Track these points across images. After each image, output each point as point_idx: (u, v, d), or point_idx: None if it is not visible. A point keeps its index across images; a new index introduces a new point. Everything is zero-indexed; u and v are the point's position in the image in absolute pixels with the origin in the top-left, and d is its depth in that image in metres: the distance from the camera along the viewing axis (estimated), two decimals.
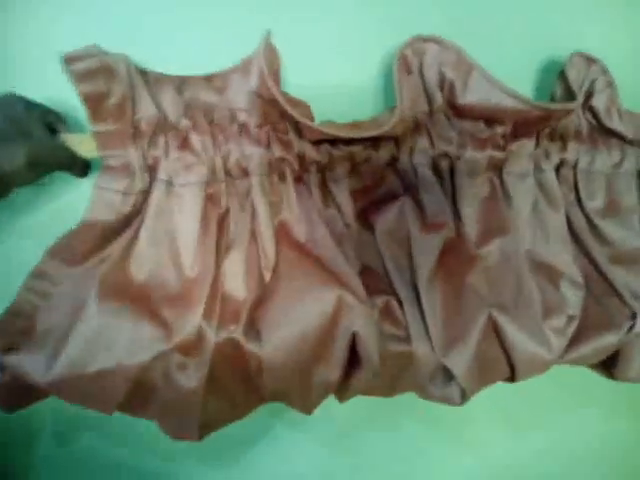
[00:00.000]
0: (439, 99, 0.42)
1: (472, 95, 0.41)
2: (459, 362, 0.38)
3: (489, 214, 0.44)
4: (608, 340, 0.42)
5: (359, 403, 0.42)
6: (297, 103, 0.38)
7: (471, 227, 0.43)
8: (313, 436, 0.51)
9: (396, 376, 0.41)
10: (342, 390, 0.40)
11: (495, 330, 0.39)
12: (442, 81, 0.42)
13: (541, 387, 0.49)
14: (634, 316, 0.42)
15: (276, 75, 0.38)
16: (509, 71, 0.43)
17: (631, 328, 0.42)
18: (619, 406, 0.59)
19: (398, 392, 0.43)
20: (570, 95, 0.46)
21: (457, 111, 0.42)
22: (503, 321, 0.39)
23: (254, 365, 0.37)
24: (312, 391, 0.38)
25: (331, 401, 0.41)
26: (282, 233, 0.40)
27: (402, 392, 0.43)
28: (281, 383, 0.38)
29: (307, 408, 0.39)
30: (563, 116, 0.43)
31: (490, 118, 0.42)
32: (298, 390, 0.38)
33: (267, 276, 0.39)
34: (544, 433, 0.57)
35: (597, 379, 0.48)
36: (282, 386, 0.38)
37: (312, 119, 0.39)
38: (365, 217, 0.42)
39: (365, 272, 0.42)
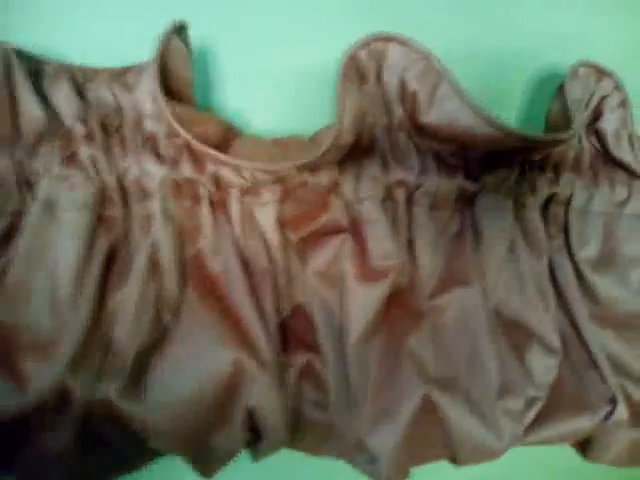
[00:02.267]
0: (400, 114, 0.34)
1: (437, 113, 0.33)
2: (384, 444, 0.31)
3: (453, 258, 0.36)
4: (579, 425, 0.35)
5: None
6: (199, 119, 0.30)
7: (428, 274, 0.35)
8: None
9: (317, 444, 0.34)
10: (254, 454, 0.34)
11: (433, 411, 0.31)
12: (404, 92, 0.33)
13: None
14: (613, 400, 0.34)
15: (180, 80, 0.30)
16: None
17: (609, 414, 0.34)
18: None
19: (328, 456, 0.36)
20: (568, 116, 0.37)
21: (420, 130, 0.34)
22: (444, 402, 0.31)
23: (138, 426, 0.31)
24: (211, 459, 0.32)
25: None
26: (194, 267, 0.33)
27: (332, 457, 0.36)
28: (172, 448, 0.31)
29: (206, 474, 0.33)
30: (552, 146, 0.34)
31: (459, 143, 0.34)
32: (193, 456, 0.32)
33: (168, 319, 0.32)
34: None
35: None
36: (170, 449, 0.32)
37: (222, 137, 0.31)
38: (299, 251, 0.35)
39: (294, 317, 0.35)
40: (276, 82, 0.38)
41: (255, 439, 0.33)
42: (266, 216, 0.34)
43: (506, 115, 0.42)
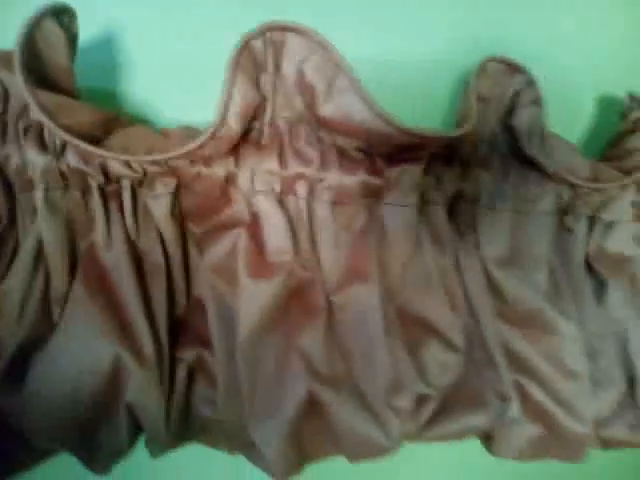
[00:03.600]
0: (299, 105, 0.33)
1: (333, 106, 0.32)
2: (269, 439, 0.31)
3: (356, 254, 0.35)
4: (474, 422, 0.35)
5: None
6: (74, 108, 0.29)
7: (328, 270, 0.35)
8: None
9: (213, 440, 0.34)
10: (149, 450, 0.34)
11: (318, 407, 0.31)
12: (302, 83, 0.32)
13: None
14: (506, 398, 0.34)
15: (57, 67, 0.29)
16: None
17: (503, 412, 0.34)
18: None
19: (224, 449, 0.36)
20: (484, 112, 0.37)
21: (321, 123, 0.33)
22: (329, 398, 0.31)
23: (17, 422, 0.30)
24: (99, 455, 0.32)
25: None
26: (86, 260, 0.33)
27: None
28: (51, 443, 0.31)
29: (97, 470, 0.32)
30: (443, 142, 0.33)
31: (362, 137, 0.33)
32: (80, 453, 0.32)
33: (55, 311, 0.32)
34: None
35: None
36: (53, 445, 0.31)
37: (100, 126, 0.30)
38: (199, 244, 0.34)
39: (191, 311, 0.34)
40: (186, 70, 0.37)
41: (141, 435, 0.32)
42: (160, 208, 0.33)
43: None
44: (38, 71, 0.28)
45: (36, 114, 0.28)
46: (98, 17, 0.36)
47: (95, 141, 0.29)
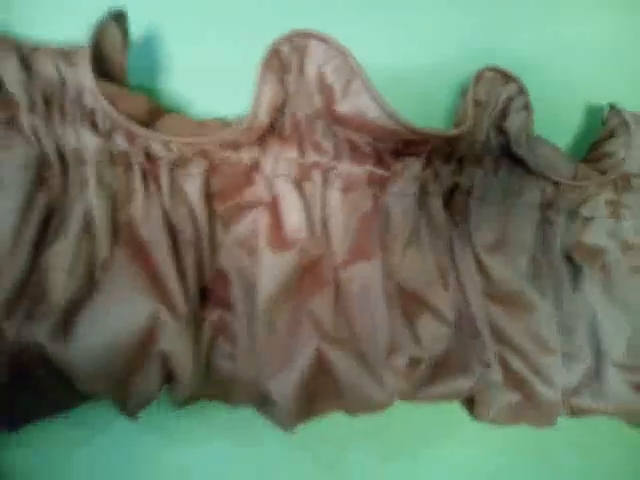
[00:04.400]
0: (318, 103, 0.38)
1: (349, 105, 0.37)
2: (282, 388, 0.36)
3: (362, 236, 0.40)
4: (460, 384, 0.40)
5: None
6: (128, 98, 0.34)
7: (337, 248, 0.40)
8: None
9: (227, 392, 0.39)
10: (173, 400, 0.39)
11: (325, 363, 0.36)
12: (322, 84, 0.37)
13: None
14: (488, 364, 0.39)
15: (115, 63, 0.34)
16: None
17: (484, 376, 0.39)
18: None
19: (238, 403, 0.41)
20: (479, 115, 0.42)
21: (337, 119, 0.38)
22: (335, 356, 0.36)
23: (65, 369, 0.35)
24: (132, 400, 0.37)
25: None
26: (126, 229, 0.37)
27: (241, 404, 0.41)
28: (93, 388, 0.36)
29: (129, 414, 0.37)
30: (441, 140, 0.39)
31: (372, 132, 0.38)
32: (115, 396, 0.36)
33: (98, 274, 0.37)
34: None
35: None
36: (95, 390, 0.36)
37: (148, 114, 0.35)
38: (223, 221, 0.39)
39: (215, 280, 0.39)
40: (219, 70, 0.42)
41: (171, 385, 0.37)
42: (193, 187, 0.38)
43: None
44: (99, 66, 0.33)
45: (95, 100, 0.33)
46: (143, 22, 0.41)
47: (143, 125, 0.34)
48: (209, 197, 0.39)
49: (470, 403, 0.44)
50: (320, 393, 0.37)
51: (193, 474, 0.44)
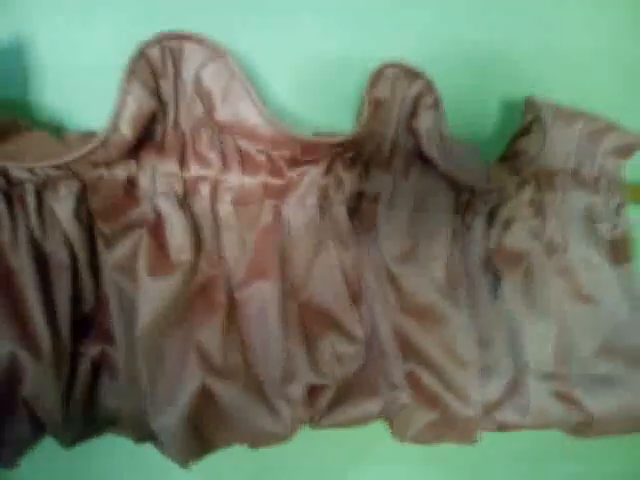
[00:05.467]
0: (199, 110, 0.35)
1: (229, 111, 0.34)
2: (165, 427, 0.33)
3: (261, 250, 0.37)
4: (368, 409, 0.37)
5: None
6: None
7: (234, 266, 0.37)
8: None
9: (117, 428, 0.36)
10: (60, 442, 0.35)
11: (210, 397, 0.33)
12: (199, 89, 0.34)
13: None
14: (396, 387, 0.36)
15: None
16: None
17: (394, 399, 0.37)
18: None
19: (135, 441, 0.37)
20: (386, 115, 0.39)
21: (224, 127, 0.35)
22: (222, 390, 0.33)
23: None
24: (6, 448, 0.33)
25: None
26: None
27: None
28: None
29: (6, 464, 0.34)
30: (350, 145, 0.35)
31: (265, 140, 0.35)
32: None
33: None
34: None
35: None
36: None
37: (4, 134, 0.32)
38: (106, 243, 0.36)
39: (99, 308, 0.36)
40: (93, 78, 0.38)
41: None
42: (64, 209, 0.34)
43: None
44: None
45: None
46: (8, 26, 0.37)
47: None
48: (89, 217, 0.35)
49: (390, 423, 0.41)
50: (208, 428, 0.34)
51: None
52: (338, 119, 0.42)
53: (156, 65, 0.33)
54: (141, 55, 0.32)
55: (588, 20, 0.48)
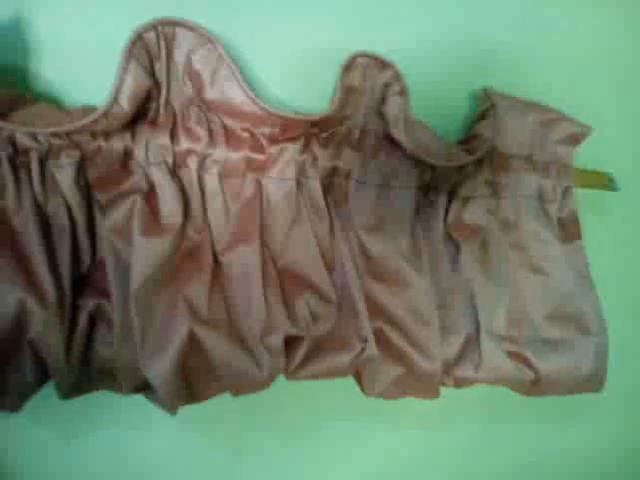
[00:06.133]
0: (189, 90, 0.39)
1: (217, 91, 0.38)
2: (157, 373, 0.36)
3: (244, 218, 0.41)
4: (340, 361, 0.41)
5: None
6: None
7: (218, 232, 0.41)
8: None
9: (112, 378, 0.39)
10: (55, 389, 0.39)
11: (198, 345, 0.37)
12: (190, 70, 0.38)
13: None
14: (365, 340, 0.41)
15: None
16: None
17: (362, 351, 0.41)
18: None
19: (123, 391, 0.41)
20: (357, 100, 0.43)
21: (208, 106, 0.39)
22: (209, 338, 0.37)
23: None
24: (8, 392, 0.37)
25: None
26: None
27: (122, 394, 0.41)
28: None
29: (10, 408, 0.37)
30: (323, 124, 0.40)
31: (247, 119, 0.39)
32: None
33: None
34: None
35: None
36: None
37: (9, 103, 0.35)
38: (102, 210, 0.39)
39: (96, 268, 0.39)
40: (93, 53, 0.41)
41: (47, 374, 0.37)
42: (65, 177, 0.38)
43: None
44: None
45: None
46: (8, 4, 0.40)
47: (3, 116, 0.34)
48: (87, 187, 0.39)
49: (359, 379, 0.45)
50: (196, 375, 0.38)
51: None
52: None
53: (151, 47, 0.37)
54: (138, 37, 0.36)
55: (572, 19, 0.53)
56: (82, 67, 0.41)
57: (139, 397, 0.41)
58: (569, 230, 0.52)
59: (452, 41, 0.50)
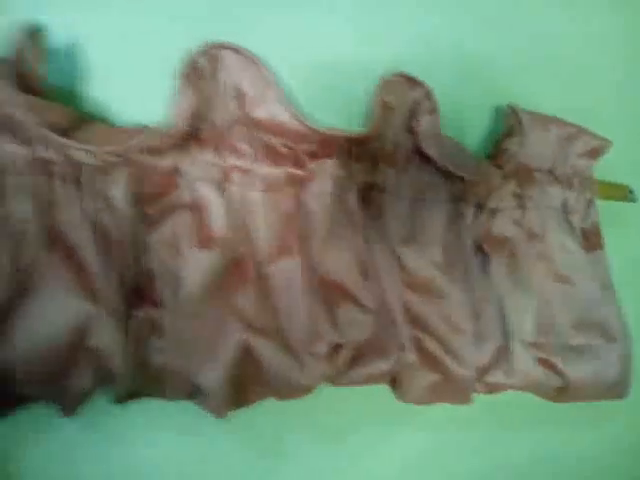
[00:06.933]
0: (235, 109, 0.41)
1: (264, 111, 0.40)
2: (210, 379, 0.38)
3: (285, 232, 0.43)
4: (379, 368, 0.43)
5: None
6: (48, 107, 0.36)
7: (261, 245, 0.42)
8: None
9: (162, 384, 0.41)
10: (112, 396, 0.40)
11: (250, 352, 0.39)
12: (238, 91, 0.40)
13: None
14: (403, 347, 0.43)
15: (33, 76, 0.36)
16: None
17: (400, 358, 0.43)
18: None
19: (173, 397, 0.43)
20: (390, 117, 0.45)
21: (254, 124, 0.41)
22: (260, 345, 0.39)
23: (3, 369, 0.36)
24: (67, 397, 0.38)
25: None
26: (56, 235, 0.39)
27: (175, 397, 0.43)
28: (29, 388, 0.37)
29: (66, 411, 0.39)
30: (362, 141, 0.42)
31: (288, 136, 0.41)
32: (51, 395, 0.38)
33: (27, 278, 0.38)
34: None
35: None
36: (31, 391, 0.37)
37: (70, 122, 0.37)
38: (150, 224, 0.41)
39: (143, 279, 0.41)
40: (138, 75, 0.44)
41: (108, 382, 0.39)
42: (117, 192, 0.40)
43: None
44: (19, 79, 0.35)
45: (16, 112, 0.35)
46: (64, 24, 0.43)
47: (65, 134, 0.36)
48: (134, 201, 0.41)
49: (394, 385, 0.47)
50: (248, 380, 0.40)
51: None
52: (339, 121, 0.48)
53: (201, 70, 0.39)
54: (191, 62, 0.39)
55: (579, 30, 0.56)
56: (129, 87, 0.43)
57: (178, 403, 0.42)
58: (592, 240, 0.54)
59: (462, 54, 0.52)
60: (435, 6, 0.51)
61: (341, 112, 0.49)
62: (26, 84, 0.36)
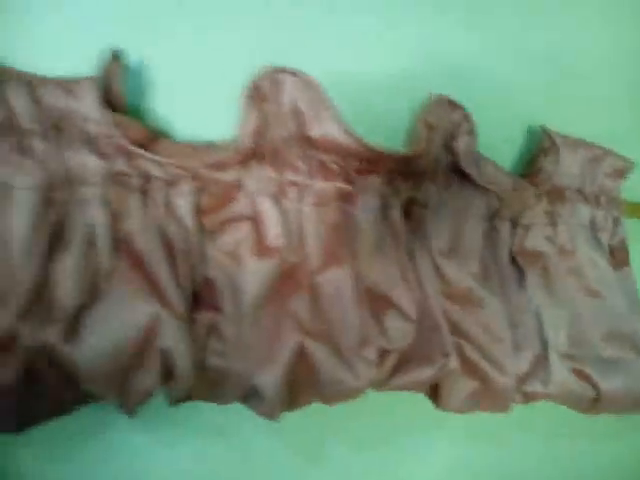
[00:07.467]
0: (293, 128, 0.44)
1: (320, 130, 0.43)
2: (268, 381, 0.40)
3: (334, 243, 0.46)
4: (424, 374, 0.45)
5: None
6: (129, 124, 0.39)
7: (312, 255, 0.45)
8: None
9: (219, 386, 0.43)
10: (169, 397, 0.43)
11: (305, 355, 0.41)
12: (295, 112, 0.44)
13: None
14: (447, 354, 0.45)
15: (116, 94, 0.39)
16: None
17: (444, 365, 0.45)
18: None
19: (226, 400, 0.45)
20: (432, 137, 0.49)
21: (309, 142, 0.45)
22: (314, 348, 0.41)
23: (73, 368, 0.39)
24: (130, 396, 0.41)
25: None
26: (124, 242, 0.42)
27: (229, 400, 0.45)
28: (97, 386, 0.40)
29: (128, 409, 0.41)
30: (408, 159, 0.45)
31: (339, 153, 0.45)
32: (115, 394, 0.40)
33: (102, 282, 0.41)
34: None
35: None
36: (98, 389, 0.40)
37: (146, 138, 0.41)
38: (211, 234, 0.44)
39: (204, 287, 0.44)
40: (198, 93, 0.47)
41: (169, 382, 0.42)
42: (184, 204, 0.43)
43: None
44: (105, 95, 0.39)
45: (99, 128, 0.38)
46: (132, 45, 0.46)
47: (141, 149, 0.40)
48: (198, 212, 0.44)
49: (434, 394, 0.49)
50: (301, 383, 0.42)
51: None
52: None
53: (263, 92, 0.43)
54: (255, 84, 0.42)
55: (603, 48, 0.60)
56: (192, 104, 0.47)
57: (217, 406, 0.44)
58: (619, 257, 0.57)
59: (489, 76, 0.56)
60: (470, 31, 0.54)
61: (376, 129, 0.51)
62: (110, 101, 0.39)
